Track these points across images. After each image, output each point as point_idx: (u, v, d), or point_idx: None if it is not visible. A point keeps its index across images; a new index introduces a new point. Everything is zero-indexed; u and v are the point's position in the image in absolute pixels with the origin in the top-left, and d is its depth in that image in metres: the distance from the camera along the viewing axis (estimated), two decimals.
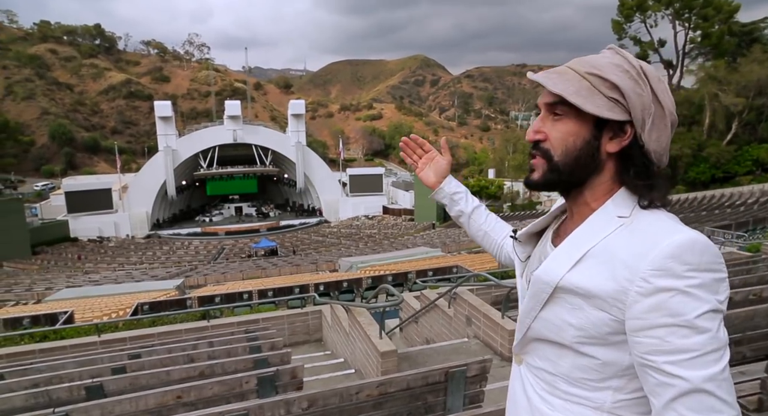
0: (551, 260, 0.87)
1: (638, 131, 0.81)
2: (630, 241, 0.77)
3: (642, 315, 0.72)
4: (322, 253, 30.63)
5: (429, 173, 1.37)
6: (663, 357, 0.70)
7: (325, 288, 11.33)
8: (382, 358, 4.19)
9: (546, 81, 0.84)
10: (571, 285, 0.81)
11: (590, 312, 0.79)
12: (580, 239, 0.84)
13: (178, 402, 2.87)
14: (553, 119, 0.86)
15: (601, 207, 0.85)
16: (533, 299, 0.88)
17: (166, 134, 45.85)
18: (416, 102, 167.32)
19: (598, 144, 0.83)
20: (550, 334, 0.87)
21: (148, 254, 34.47)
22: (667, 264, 0.71)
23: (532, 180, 0.90)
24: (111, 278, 22.85)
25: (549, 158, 0.86)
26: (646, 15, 37.98)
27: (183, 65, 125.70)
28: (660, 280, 0.71)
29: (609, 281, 0.76)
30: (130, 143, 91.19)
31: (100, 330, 6.35)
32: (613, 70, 0.81)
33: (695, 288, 0.70)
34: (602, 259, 0.79)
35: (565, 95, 0.81)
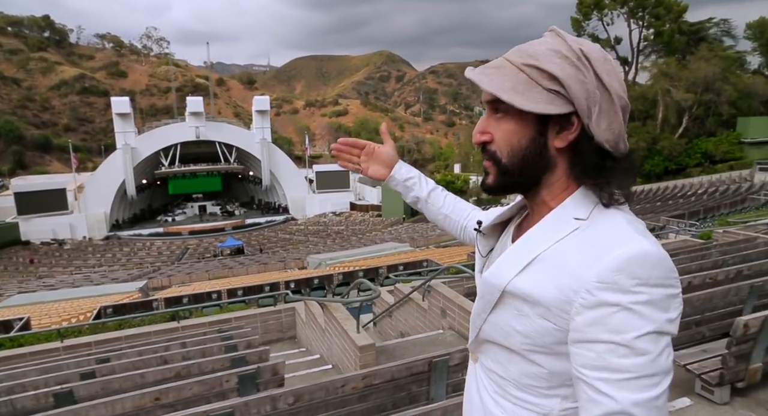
0: (500, 263, 0.82)
1: (585, 122, 0.74)
2: (581, 248, 0.72)
3: (583, 327, 0.68)
4: (289, 251, 30.33)
5: (376, 168, 1.27)
6: (596, 373, 0.66)
7: (296, 286, 11.23)
8: (360, 352, 4.21)
9: (480, 79, 0.78)
10: (517, 291, 0.77)
11: (535, 320, 0.75)
12: (531, 242, 0.79)
13: (157, 404, 2.80)
14: (496, 118, 0.80)
15: (559, 206, 0.79)
16: (482, 300, 0.85)
17: (125, 132, 44.20)
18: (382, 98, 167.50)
19: (544, 140, 0.77)
20: (500, 338, 0.83)
21: (108, 256, 33.25)
22: (614, 277, 0.66)
23: (487, 185, 0.85)
24: (68, 282, 21.92)
25: (497, 161, 0.81)
26: (603, 13, 39.28)
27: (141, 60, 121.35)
28: (604, 294, 0.66)
29: (554, 290, 0.72)
30: (86, 140, 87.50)
31: (63, 336, 6.10)
32: (550, 58, 0.74)
33: (641, 305, 0.65)
34: (551, 265, 0.74)
35: (498, 94, 0.75)
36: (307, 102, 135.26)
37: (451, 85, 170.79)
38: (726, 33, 40.33)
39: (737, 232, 8.49)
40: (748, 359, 2.78)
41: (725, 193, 23.84)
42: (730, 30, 40.06)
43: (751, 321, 2.63)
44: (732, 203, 19.75)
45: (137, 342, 5.58)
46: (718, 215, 17.74)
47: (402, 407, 2.66)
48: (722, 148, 33.07)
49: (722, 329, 3.55)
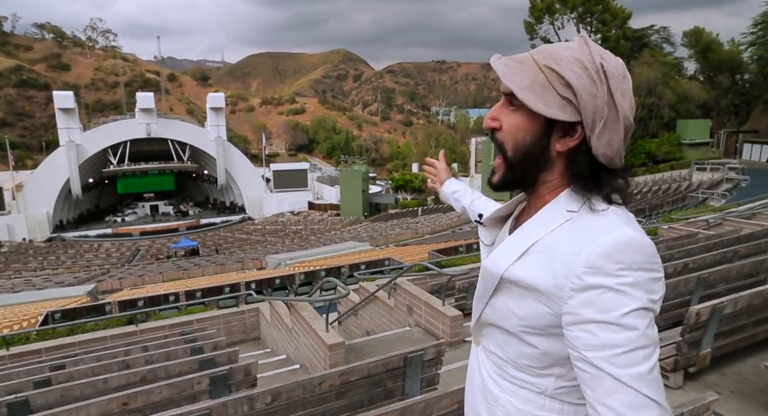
0: (498, 251, 0.89)
1: (587, 133, 0.78)
2: (571, 237, 0.78)
3: (575, 309, 0.73)
4: (247, 251, 29.73)
5: (438, 183, 1.62)
6: (594, 352, 0.71)
7: (257, 286, 11.05)
8: (330, 351, 4.21)
9: (503, 71, 0.82)
10: (514, 277, 0.83)
11: (531, 304, 0.81)
12: (527, 232, 0.85)
13: (124, 409, 2.72)
14: (509, 109, 0.84)
15: (553, 200, 0.85)
16: (483, 286, 0.92)
17: (69, 128, 41.94)
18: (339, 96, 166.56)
19: (547, 142, 0.81)
20: (499, 321, 0.89)
21: (51, 259, 31.46)
22: (599, 262, 0.72)
23: (493, 183, 0.90)
24: (6, 287, 20.61)
25: (504, 153, 0.85)
26: (554, 17, 40.74)
27: (85, 53, 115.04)
28: (591, 277, 0.72)
29: (548, 276, 0.77)
30: (24, 136, 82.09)
31: (9, 343, 5.76)
32: (571, 66, 0.77)
33: (626, 286, 0.70)
34: (544, 254, 0.80)
35: (515, 90, 0.79)
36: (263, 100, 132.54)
37: (409, 84, 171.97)
38: (666, 40, 42.89)
39: (680, 228, 9.04)
40: (699, 345, 3.00)
41: (667, 191, 25.29)
42: (669, 37, 42.66)
43: (702, 310, 2.83)
44: (674, 201, 21.00)
45: (93, 347, 5.35)
46: (662, 213, 18.80)
47: (378, 403, 2.70)
48: (664, 149, 35.10)
49: (673, 318, 3.81)
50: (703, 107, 39.85)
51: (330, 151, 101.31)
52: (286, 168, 51.92)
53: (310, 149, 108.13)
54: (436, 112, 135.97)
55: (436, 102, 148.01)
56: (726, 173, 25.96)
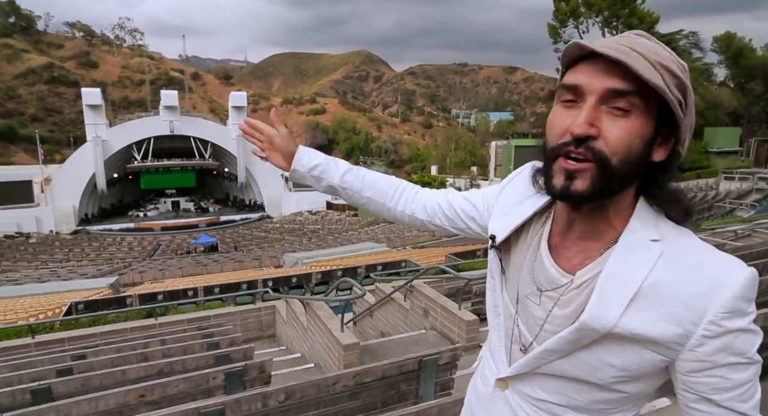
0: (598, 304, 0.72)
1: (681, 141, 0.72)
2: (684, 277, 0.69)
3: (706, 357, 0.68)
4: (265, 249, 30.00)
5: (278, 157, 1.15)
6: (724, 394, 0.68)
7: (274, 284, 11.14)
8: (344, 351, 4.22)
9: (637, 65, 0.65)
10: (626, 331, 0.70)
11: (639, 354, 0.71)
12: (623, 273, 0.71)
13: (141, 401, 2.76)
14: (611, 113, 0.68)
15: (628, 228, 0.74)
16: (570, 343, 0.75)
17: (96, 124, 42.93)
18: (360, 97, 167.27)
19: (651, 150, 0.71)
20: (579, 373, 0.76)
21: (76, 251, 32.21)
22: (737, 305, 0.66)
23: (576, 192, 0.70)
24: (33, 277, 21.16)
25: (604, 161, 0.68)
26: (579, 21, 40.25)
27: (113, 51, 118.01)
28: (730, 322, 0.66)
29: (671, 325, 0.68)
30: (54, 132, 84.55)
31: (34, 331, 5.92)
32: (676, 66, 0.68)
33: (752, 323, 0.68)
34: (656, 299, 0.69)
35: (663, 90, 0.65)
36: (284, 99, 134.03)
37: (429, 87, 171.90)
38: (694, 45, 41.89)
39: (707, 239, 8.81)
40: None
41: (692, 201, 24.63)
42: (698, 42, 41.63)
43: None
44: (700, 211, 20.49)
45: (113, 338, 5.46)
46: None
47: (391, 405, 2.69)
48: (690, 157, 34.26)
49: None
50: (733, 114, 38.82)
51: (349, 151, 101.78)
52: None
53: (330, 149, 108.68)
54: (457, 114, 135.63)
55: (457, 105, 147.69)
56: (756, 183, 25.20)
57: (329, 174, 1.11)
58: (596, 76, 0.68)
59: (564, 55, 0.73)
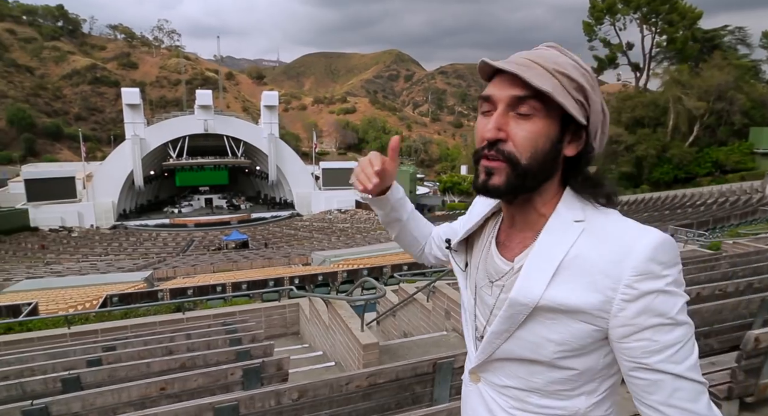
0: (524, 280, 0.80)
1: (591, 137, 0.80)
2: (601, 248, 0.75)
3: (630, 320, 0.72)
4: (294, 246, 30.40)
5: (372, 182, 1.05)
6: (655, 357, 0.72)
7: (300, 282, 11.28)
8: (364, 351, 4.23)
9: (528, 74, 0.74)
10: (553, 303, 0.77)
11: (572, 326, 0.77)
12: (546, 251, 0.79)
13: (162, 394, 2.83)
14: (516, 117, 0.78)
15: (554, 213, 0.82)
16: (507, 321, 0.82)
17: (134, 122, 44.39)
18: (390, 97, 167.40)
19: (560, 147, 0.80)
20: (525, 352, 0.82)
21: (114, 245, 33.46)
22: (648, 267, 0.71)
23: (493, 186, 0.80)
24: (75, 270, 22.10)
25: (513, 161, 0.78)
26: (616, 18, 39.10)
27: (152, 52, 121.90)
28: (643, 284, 0.71)
29: (592, 292, 0.74)
30: (95, 130, 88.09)
31: (70, 322, 6.17)
32: (575, 71, 0.77)
33: (672, 285, 0.72)
34: (576, 270, 0.76)
35: (551, 92, 0.73)
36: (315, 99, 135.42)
37: (460, 86, 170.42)
38: (741, 41, 40.03)
39: (747, 244, 8.43)
40: (758, 374, 2.76)
41: (735, 203, 23.63)
42: (745, 38, 39.77)
43: (762, 335, 2.61)
44: (742, 214, 19.59)
45: (143, 331, 5.63)
46: (728, 226, 17.59)
47: (405, 407, 2.68)
48: (733, 158, 32.83)
49: (731, 342, 3.53)
50: None
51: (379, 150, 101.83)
52: (335, 166, 52.63)
53: (360, 148, 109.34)
54: None
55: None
56: None
57: (404, 209, 1.17)
58: (503, 87, 0.79)
59: (480, 71, 0.83)
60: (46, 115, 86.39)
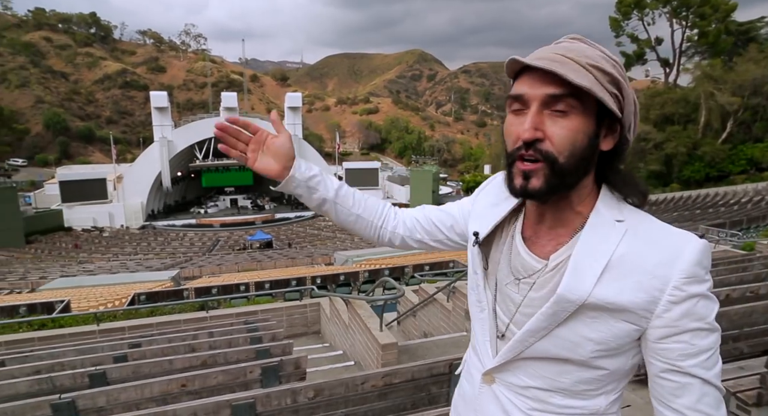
0: (572, 276, 0.78)
1: (625, 129, 0.79)
2: (647, 249, 0.76)
3: (673, 322, 0.73)
4: (317, 246, 30.63)
5: (267, 161, 1.07)
6: (690, 361, 0.73)
7: (322, 281, 11.36)
8: (382, 350, 4.23)
9: (563, 71, 0.71)
10: (600, 301, 0.76)
11: (614, 325, 0.77)
12: (593, 249, 0.78)
13: (183, 391, 2.90)
14: (552, 115, 0.75)
15: (594, 211, 0.80)
16: (549, 318, 0.80)
17: (162, 125, 45.49)
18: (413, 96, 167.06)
19: (597, 142, 0.78)
20: (561, 351, 0.80)
21: (143, 244, 34.32)
22: (696, 271, 0.73)
23: (533, 189, 0.78)
24: (106, 269, 22.75)
25: (552, 160, 0.76)
26: (644, 13, 38.11)
27: (179, 56, 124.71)
28: (691, 287, 0.73)
29: (639, 292, 0.74)
30: (126, 133, 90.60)
31: (99, 319, 6.36)
32: (608, 63, 0.76)
33: (710, 290, 0.74)
34: (624, 270, 0.76)
35: (591, 89, 0.71)
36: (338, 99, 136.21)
37: (484, 85, 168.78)
38: None
39: None
40: None
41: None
42: None
43: None
44: None
45: (167, 329, 5.76)
46: (762, 226, 16.95)
47: (421, 407, 2.67)
48: None
49: (762, 346, 3.41)
50: None
51: (402, 151, 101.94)
52: (358, 167, 52.85)
53: (382, 148, 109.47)
54: None
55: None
56: None
57: (323, 187, 1.07)
58: (535, 85, 0.76)
59: (507, 69, 0.81)
60: (80, 118, 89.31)
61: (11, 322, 6.82)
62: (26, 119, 79.99)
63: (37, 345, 5.66)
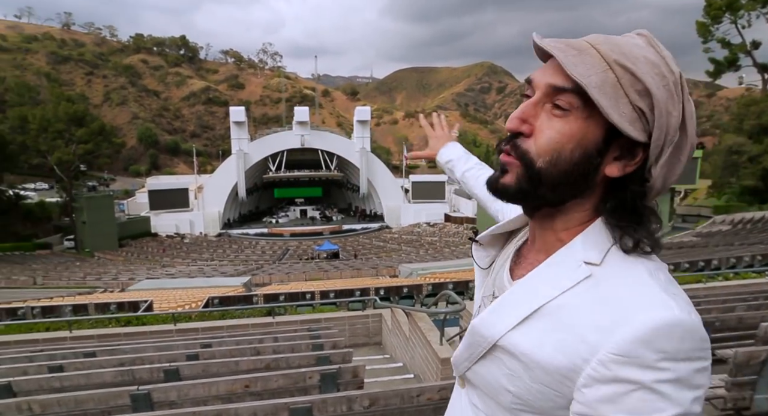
0: (492, 311, 0.69)
1: (650, 160, 0.62)
2: (594, 306, 0.59)
3: (592, 403, 0.56)
4: (382, 258, 30.87)
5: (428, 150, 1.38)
6: None
7: (385, 293, 11.41)
8: (442, 365, 4.17)
9: (564, 57, 0.60)
10: (512, 347, 0.64)
11: (530, 384, 0.63)
12: (532, 288, 0.66)
13: (246, 391, 3.02)
14: (551, 111, 0.63)
15: (567, 245, 0.66)
16: (468, 349, 0.71)
17: (239, 138, 48.29)
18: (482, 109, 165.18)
19: (599, 162, 0.62)
20: (487, 391, 0.70)
21: (219, 251, 36.36)
22: (635, 350, 0.54)
23: (502, 185, 0.67)
24: (185, 273, 24.34)
25: (527, 162, 0.64)
26: (738, 15, 35.19)
27: (257, 73, 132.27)
28: (621, 369, 0.54)
29: (558, 354, 0.59)
30: (207, 146, 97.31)
31: (176, 320, 6.80)
32: (648, 70, 0.59)
33: (665, 384, 0.53)
34: (555, 322, 0.61)
35: (587, 87, 0.58)
36: (406, 113, 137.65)
37: None
38: None
39: None
40: None
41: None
42: None
43: None
44: None
45: (236, 332, 6.04)
46: None
47: None
48: None
49: None
50: None
51: None
52: (425, 180, 52.91)
53: None
54: None
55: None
56: None
57: (456, 168, 1.28)
58: (546, 72, 0.64)
59: (535, 50, 0.68)
60: (168, 133, 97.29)
61: (102, 318, 7.48)
62: (123, 134, 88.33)
63: (123, 339, 6.16)
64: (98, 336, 6.35)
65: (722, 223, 24.74)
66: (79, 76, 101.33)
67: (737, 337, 3.84)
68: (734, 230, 21.68)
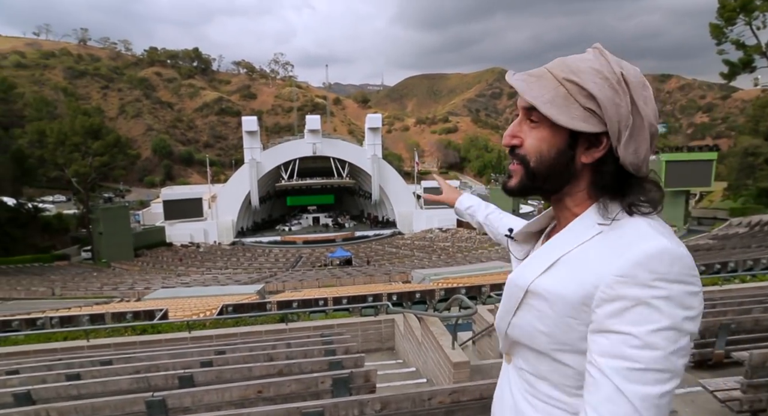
0: (525, 265, 0.88)
1: (614, 144, 0.78)
2: (603, 248, 0.76)
3: (602, 319, 0.70)
4: (395, 264, 30.82)
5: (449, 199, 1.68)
6: (606, 359, 0.68)
7: (398, 298, 11.38)
8: (454, 369, 4.15)
9: (521, 87, 0.82)
10: (540, 289, 0.80)
11: (557, 319, 0.78)
12: (555, 245, 0.84)
13: (259, 397, 3.04)
14: (529, 125, 0.84)
15: (583, 213, 0.83)
16: (507, 302, 0.88)
17: (252, 147, 48.77)
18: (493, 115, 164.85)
19: (572, 154, 0.81)
20: (526, 340, 0.85)
21: (233, 260, 36.63)
22: (633, 271, 0.69)
23: (509, 187, 0.89)
24: (200, 281, 24.55)
25: (526, 164, 0.84)
26: (752, 16, 34.71)
27: (268, 83, 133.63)
28: (622, 287, 0.69)
29: (576, 286, 0.75)
30: (220, 155, 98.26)
31: (191, 327, 6.87)
32: (591, 77, 0.77)
33: (659, 300, 0.67)
34: (573, 265, 0.78)
35: (537, 105, 0.79)
36: (417, 119, 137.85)
37: None
38: None
39: None
40: None
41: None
42: None
43: None
44: None
45: (250, 338, 6.08)
46: None
47: None
48: None
49: None
50: None
51: (481, 169, 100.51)
52: (437, 185, 52.48)
53: (461, 167, 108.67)
54: None
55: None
56: None
57: (477, 213, 1.54)
58: (522, 98, 0.84)
59: None
60: (181, 144, 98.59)
61: (119, 326, 7.58)
62: (138, 145, 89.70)
63: (138, 347, 6.23)
64: (115, 345, 6.44)
65: (739, 225, 24.28)
66: (95, 90, 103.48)
67: (753, 339, 3.76)
68: (751, 232, 21.29)
